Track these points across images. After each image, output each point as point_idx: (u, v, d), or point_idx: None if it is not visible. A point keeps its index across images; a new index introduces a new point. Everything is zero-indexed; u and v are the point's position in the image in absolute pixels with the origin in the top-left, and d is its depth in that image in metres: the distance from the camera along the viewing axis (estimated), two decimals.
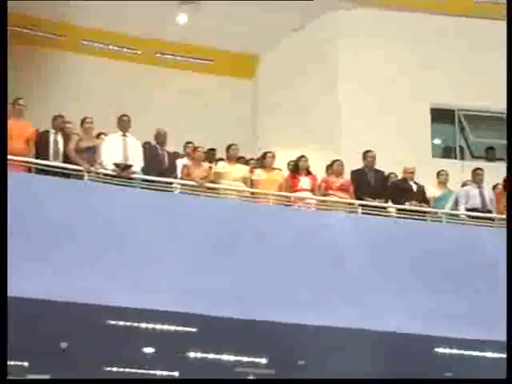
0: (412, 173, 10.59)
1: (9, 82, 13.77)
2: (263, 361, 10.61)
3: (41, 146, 9.35)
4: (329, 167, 10.59)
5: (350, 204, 10.00)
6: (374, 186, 10.29)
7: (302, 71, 15.03)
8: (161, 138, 9.93)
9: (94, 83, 15.09)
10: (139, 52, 15.71)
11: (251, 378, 11.71)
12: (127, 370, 11.41)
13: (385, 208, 10.15)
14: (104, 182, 9.09)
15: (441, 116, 14.71)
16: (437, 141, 14.80)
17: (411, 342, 9.19)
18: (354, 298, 8.95)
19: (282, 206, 9.82)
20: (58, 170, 8.99)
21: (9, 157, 8.83)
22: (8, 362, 10.73)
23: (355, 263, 9.08)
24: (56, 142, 9.45)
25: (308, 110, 14.73)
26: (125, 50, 15.62)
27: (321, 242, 9.16)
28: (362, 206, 9.84)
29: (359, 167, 10.51)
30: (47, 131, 9.53)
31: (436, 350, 9.57)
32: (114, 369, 11.32)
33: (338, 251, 9.12)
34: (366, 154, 10.59)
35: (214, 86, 15.89)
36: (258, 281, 8.76)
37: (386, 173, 10.70)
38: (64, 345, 9.88)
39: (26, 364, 11.07)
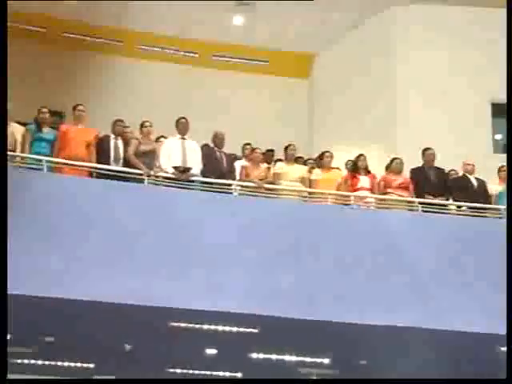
0: (472, 169, 10.44)
1: (69, 87, 14.10)
2: (326, 361, 10.57)
3: (101, 150, 9.47)
4: (388, 166, 10.51)
5: (410, 202, 9.91)
6: (434, 183, 10.17)
7: (359, 70, 14.95)
8: (219, 140, 9.98)
9: (152, 87, 15.24)
10: (196, 55, 15.81)
11: (314, 378, 11.68)
12: (190, 371, 11.48)
13: (446, 205, 10.03)
14: (164, 185, 9.18)
15: (502, 111, 14.47)
16: (498, 136, 14.56)
17: (477, 342, 9.07)
18: (417, 298, 8.87)
19: (341, 205, 9.77)
20: (119, 174, 9.10)
21: (70, 162, 9.02)
22: (75, 364, 11.03)
23: (418, 262, 9.00)
24: (116, 146, 9.56)
25: (365, 108, 14.65)
26: (181, 53, 15.72)
27: (382, 241, 9.10)
28: (423, 203, 9.74)
29: (419, 165, 10.40)
30: (107, 136, 9.65)
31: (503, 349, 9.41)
32: (178, 370, 11.40)
33: (399, 250, 9.05)
34: (425, 151, 10.47)
35: (269, 86, 15.90)
36: (321, 281, 8.74)
37: (446, 170, 10.57)
38: (128, 347, 10.00)
39: (91, 366, 11.24)
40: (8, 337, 9.40)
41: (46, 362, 10.92)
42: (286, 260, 8.80)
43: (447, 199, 10.14)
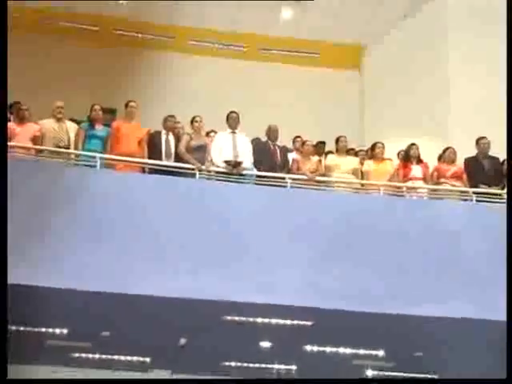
0: None
1: (121, 84, 14.24)
2: (380, 353, 10.51)
3: (153, 146, 9.56)
4: (441, 156, 10.40)
5: (463, 192, 9.79)
6: (488, 173, 10.04)
7: (410, 60, 14.79)
8: (273, 133, 9.99)
9: (202, 82, 15.28)
10: (246, 49, 15.81)
11: (369, 370, 11.63)
12: (245, 364, 11.52)
13: (500, 195, 9.89)
14: (216, 180, 9.23)
15: None
16: None
17: None
18: (471, 289, 8.78)
19: (394, 196, 9.71)
20: (170, 169, 9.17)
21: (123, 158, 9.13)
22: (131, 358, 11.16)
23: (472, 253, 8.91)
24: (167, 141, 9.64)
25: (416, 99, 14.49)
26: (232, 47, 15.74)
27: (435, 230, 9.02)
28: (477, 193, 9.62)
29: (473, 155, 10.27)
30: (159, 132, 9.73)
31: None
32: (232, 363, 11.44)
33: (453, 241, 8.96)
34: (479, 140, 10.35)
35: (320, 79, 15.84)
36: (375, 273, 8.71)
37: (501, 159, 10.42)
38: (183, 341, 10.09)
39: (148, 360, 11.35)
40: (65, 331, 9.63)
41: (103, 356, 11.07)
42: (339, 252, 8.78)
43: (502, 188, 10.00)
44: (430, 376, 11.58)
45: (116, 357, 11.12)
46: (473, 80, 13.83)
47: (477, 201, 9.57)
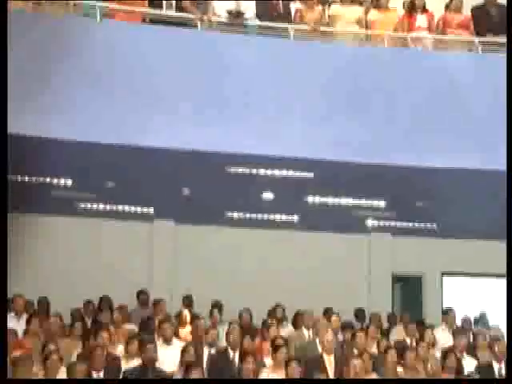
0: None
1: None
2: (381, 204, 10.65)
3: None
4: (447, 4, 10.14)
5: (469, 42, 9.61)
6: (496, 21, 9.81)
7: None
8: None
9: None
10: None
11: (370, 221, 11.81)
12: (247, 215, 11.70)
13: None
14: (218, 30, 9.06)
15: None
16: None
17: None
18: (475, 140, 8.78)
19: (398, 47, 9.55)
20: (172, 19, 8.97)
21: (123, 7, 8.89)
22: (135, 209, 11.33)
23: (476, 103, 8.86)
24: None
25: None
26: None
27: (440, 81, 8.93)
28: (483, 42, 9.44)
29: (481, 3, 10.01)
30: None
31: None
32: (235, 214, 11.62)
33: (458, 91, 8.89)
34: None
35: None
36: (379, 124, 8.70)
37: None
38: (186, 191, 10.20)
39: (151, 210, 11.52)
40: (70, 182, 9.73)
41: (108, 207, 11.23)
42: (343, 104, 8.74)
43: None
44: (429, 226, 11.81)
45: (120, 207, 11.29)
46: None
47: (483, 51, 9.41)
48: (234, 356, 8.00)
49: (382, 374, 7.34)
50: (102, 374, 7.07)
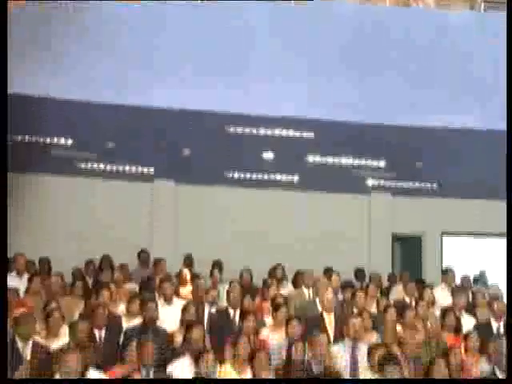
0: None
1: None
2: (382, 164, 10.64)
3: None
4: None
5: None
6: None
7: None
8: None
9: None
10: None
11: (370, 181, 11.81)
12: (248, 175, 11.69)
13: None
14: None
15: None
16: None
17: None
18: (475, 100, 8.75)
19: (400, 6, 9.51)
20: None
21: None
22: (136, 168, 11.31)
23: (478, 63, 8.81)
24: None
25: None
26: None
27: (442, 40, 8.88)
28: (486, 0, 9.38)
29: None
30: None
31: None
32: (236, 174, 11.61)
33: (459, 51, 8.84)
34: None
35: None
36: (380, 83, 8.67)
37: None
38: (187, 151, 10.18)
39: (152, 170, 11.51)
40: (70, 141, 9.72)
41: (108, 167, 11.22)
42: (344, 63, 8.70)
43: None
44: (429, 185, 11.80)
45: (121, 167, 11.28)
46: None
47: (485, 9, 9.36)
48: (235, 315, 8.05)
49: (381, 333, 7.38)
50: (103, 333, 7.12)
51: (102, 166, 11.12)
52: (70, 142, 9.73)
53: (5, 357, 4.68)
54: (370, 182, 11.92)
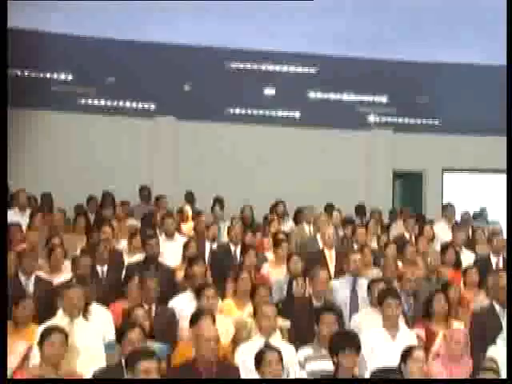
0: None
1: None
2: (383, 99, 10.59)
3: None
4: None
5: None
6: None
7: None
8: None
9: None
10: None
11: (372, 117, 11.76)
12: (249, 111, 11.62)
13: None
14: None
15: None
16: None
17: None
18: (478, 35, 8.66)
19: None
20: None
21: None
22: (136, 104, 11.24)
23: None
24: None
25: None
26: None
27: None
28: None
29: None
30: None
31: None
32: (237, 110, 11.54)
33: None
34: None
35: None
36: (382, 18, 8.64)
37: None
38: (187, 87, 10.12)
39: (152, 106, 11.43)
40: (70, 77, 9.64)
41: (109, 102, 11.14)
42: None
43: None
44: (431, 121, 11.75)
45: (121, 103, 11.20)
46: None
47: None
48: (236, 250, 8.10)
49: (382, 268, 7.42)
50: (105, 268, 7.17)
51: (102, 101, 11.04)
52: (70, 77, 9.66)
53: (5, 357, 4.70)
54: (372, 119, 11.87)
